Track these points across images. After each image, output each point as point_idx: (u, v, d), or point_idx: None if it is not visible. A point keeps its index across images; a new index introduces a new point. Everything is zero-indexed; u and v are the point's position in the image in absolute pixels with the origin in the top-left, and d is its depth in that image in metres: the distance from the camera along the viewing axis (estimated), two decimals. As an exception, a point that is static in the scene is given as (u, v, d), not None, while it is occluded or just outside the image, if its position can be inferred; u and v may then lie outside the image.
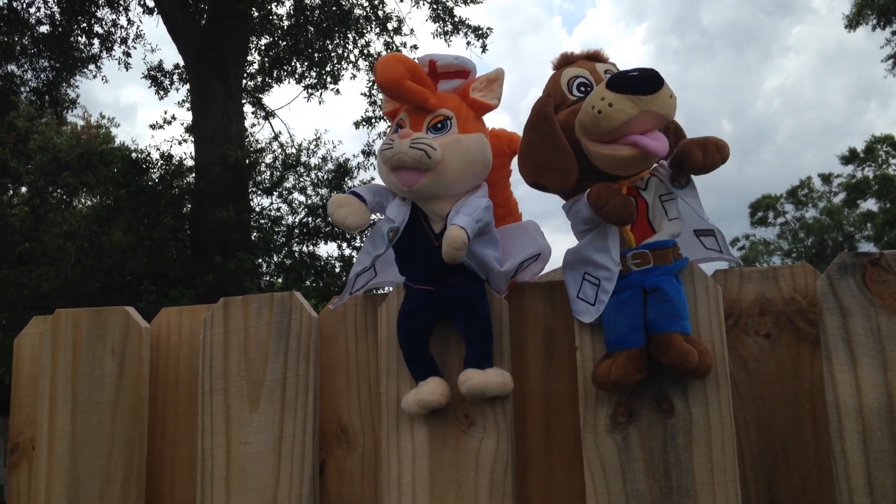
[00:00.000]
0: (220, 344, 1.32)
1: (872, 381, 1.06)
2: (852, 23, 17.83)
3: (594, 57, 1.27)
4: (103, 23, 11.72)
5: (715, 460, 1.10)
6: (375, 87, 12.98)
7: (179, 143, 13.44)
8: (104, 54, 11.77)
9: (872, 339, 1.07)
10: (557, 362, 1.24)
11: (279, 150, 12.45)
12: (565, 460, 1.21)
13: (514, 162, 1.27)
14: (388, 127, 1.32)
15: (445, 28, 12.86)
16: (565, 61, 1.27)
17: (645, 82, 1.07)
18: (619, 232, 1.15)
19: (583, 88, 1.21)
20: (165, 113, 22.87)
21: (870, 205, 26.74)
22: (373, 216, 1.28)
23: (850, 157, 26.34)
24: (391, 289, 1.31)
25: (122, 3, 11.79)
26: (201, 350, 1.33)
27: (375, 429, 1.29)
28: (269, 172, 11.54)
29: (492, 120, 1.36)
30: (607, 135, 1.10)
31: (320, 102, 14.07)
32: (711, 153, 1.10)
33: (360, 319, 1.33)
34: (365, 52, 13.07)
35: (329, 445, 1.31)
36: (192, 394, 1.36)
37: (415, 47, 13.20)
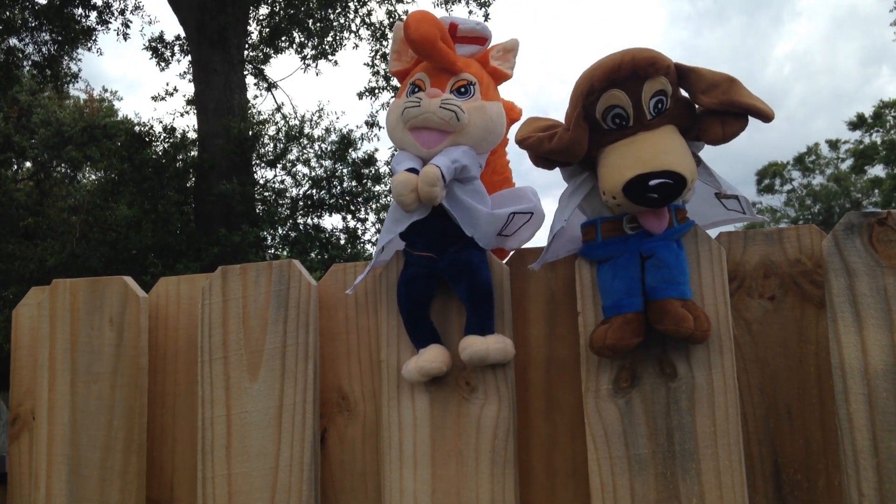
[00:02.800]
0: (218, 313, 1.31)
1: (878, 343, 1.04)
2: (861, -15, 17.51)
3: (648, 71, 1.05)
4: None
5: (718, 424, 1.09)
6: (378, 57, 12.86)
7: (182, 116, 13.41)
8: (99, 27, 11.65)
9: (879, 300, 1.05)
10: (559, 328, 1.23)
11: (282, 122, 12.38)
12: (567, 426, 1.20)
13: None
14: (399, 88, 1.26)
15: (448, -5, 12.69)
16: (608, 82, 1.06)
17: (662, 201, 1.04)
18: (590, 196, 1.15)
19: (617, 121, 1.08)
20: (167, 85, 22.77)
21: (877, 171, 26.57)
22: None
23: (858, 123, 26.10)
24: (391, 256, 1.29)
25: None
26: (200, 319, 1.32)
27: (376, 396, 1.28)
28: (272, 144, 11.49)
29: (503, 89, 1.32)
30: None
31: (317, 74, 13.94)
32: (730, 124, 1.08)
33: (359, 287, 1.32)
34: (367, 21, 12.93)
35: (330, 413, 1.30)
36: (192, 363, 1.36)
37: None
